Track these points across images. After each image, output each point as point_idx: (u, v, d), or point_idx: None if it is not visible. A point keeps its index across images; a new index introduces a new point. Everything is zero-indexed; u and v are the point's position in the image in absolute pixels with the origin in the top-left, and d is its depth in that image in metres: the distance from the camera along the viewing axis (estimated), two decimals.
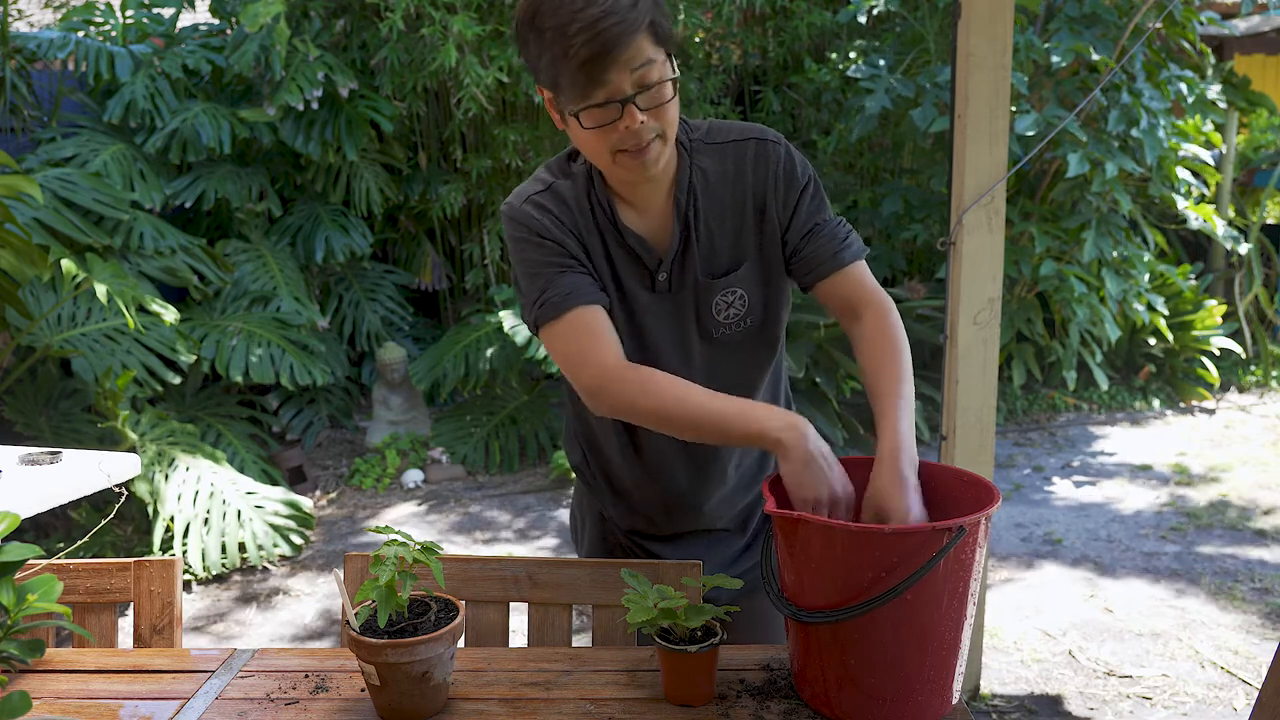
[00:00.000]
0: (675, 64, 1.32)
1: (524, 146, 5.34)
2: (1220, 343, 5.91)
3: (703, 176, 1.42)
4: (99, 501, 3.95)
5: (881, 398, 1.32)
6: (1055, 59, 4.82)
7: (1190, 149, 5.37)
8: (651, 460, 1.54)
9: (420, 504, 4.71)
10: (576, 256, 1.40)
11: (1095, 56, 4.93)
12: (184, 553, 3.81)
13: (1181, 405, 5.90)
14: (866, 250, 1.46)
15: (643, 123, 1.27)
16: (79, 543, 1.80)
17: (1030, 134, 4.71)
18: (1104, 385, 5.59)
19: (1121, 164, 4.99)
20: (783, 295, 1.49)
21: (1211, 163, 5.51)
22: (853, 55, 5.76)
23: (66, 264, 3.58)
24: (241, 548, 3.94)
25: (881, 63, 5.32)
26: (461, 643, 1.52)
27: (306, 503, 4.21)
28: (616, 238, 1.42)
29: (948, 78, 4.88)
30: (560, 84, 1.26)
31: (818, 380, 5.06)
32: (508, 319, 4.94)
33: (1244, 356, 6.31)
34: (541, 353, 4.70)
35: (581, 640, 3.16)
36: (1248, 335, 6.37)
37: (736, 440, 1.30)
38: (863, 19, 5.41)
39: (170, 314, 3.89)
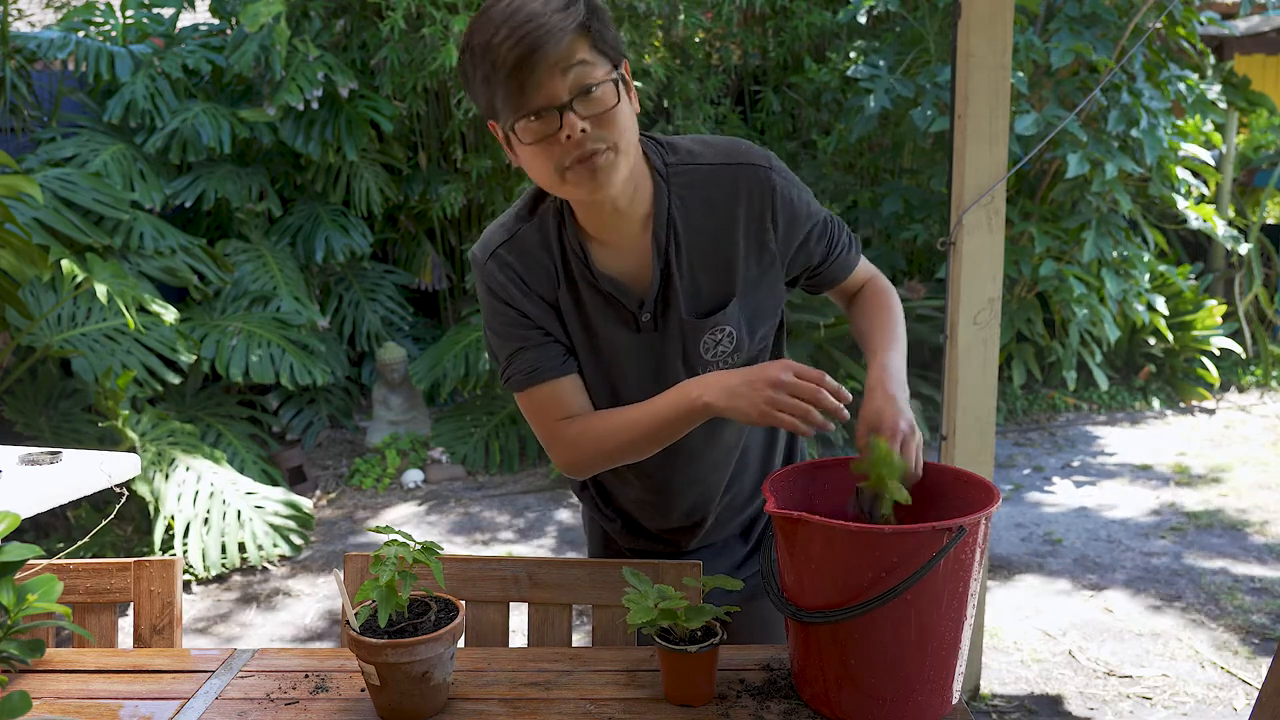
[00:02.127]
0: (625, 76, 1.24)
1: None
2: (1220, 343, 5.91)
3: (683, 206, 1.34)
4: (99, 501, 3.95)
5: (870, 338, 1.42)
6: (1055, 60, 4.82)
7: (1190, 149, 5.37)
8: (649, 485, 1.52)
9: (420, 504, 4.71)
10: (541, 324, 1.37)
11: (1095, 56, 4.94)
12: (184, 553, 3.81)
13: (1181, 405, 5.90)
14: (858, 242, 1.51)
15: (584, 131, 1.19)
16: (79, 543, 1.80)
17: (1030, 134, 4.71)
18: (1104, 385, 5.59)
19: (1121, 164, 4.99)
20: (773, 322, 1.45)
21: (1211, 163, 5.51)
22: (853, 55, 5.76)
23: (66, 264, 3.58)
24: (241, 548, 3.94)
25: (881, 63, 5.32)
26: (461, 643, 1.52)
27: (306, 503, 4.21)
28: (590, 282, 1.35)
29: (948, 78, 4.88)
30: (495, 103, 1.20)
31: None
32: None
33: (1244, 356, 6.31)
34: None
35: (581, 640, 3.16)
36: (1248, 335, 6.37)
37: (684, 427, 1.32)
38: (863, 19, 5.41)
39: (170, 314, 3.90)
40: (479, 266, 1.38)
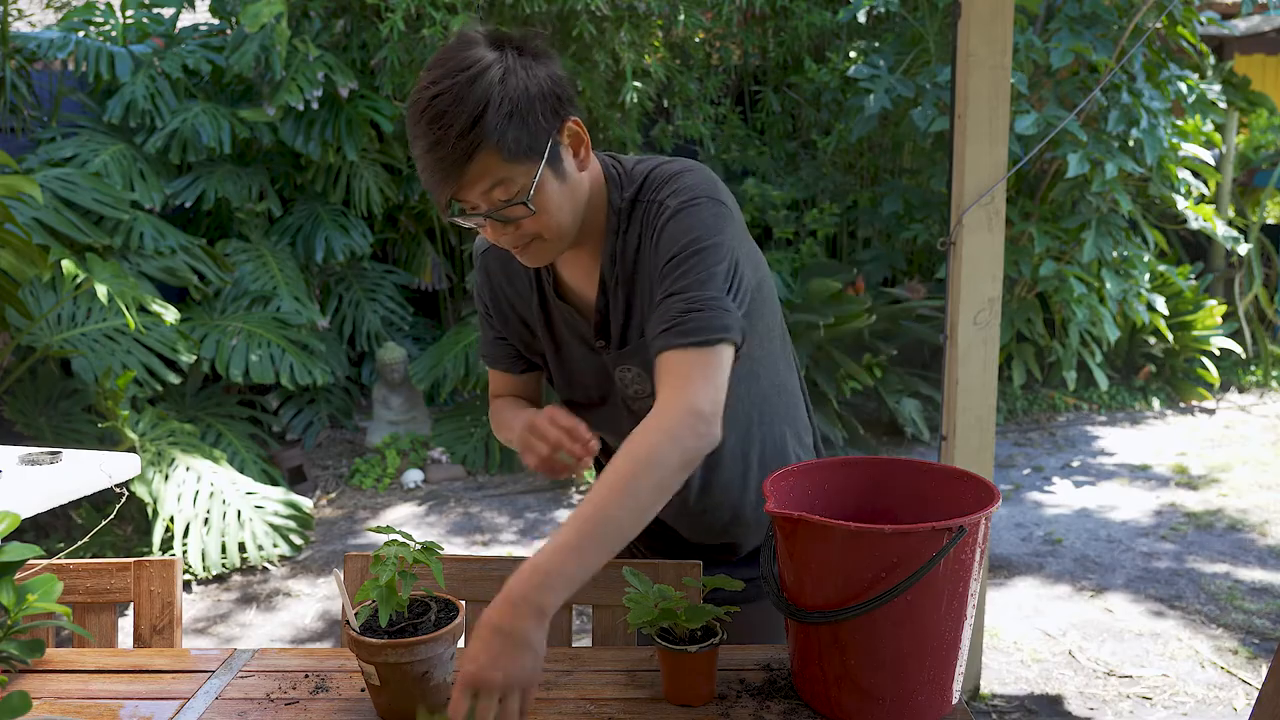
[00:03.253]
0: (565, 145, 1.25)
1: None
2: (1220, 343, 5.91)
3: (623, 243, 1.36)
4: (99, 501, 3.95)
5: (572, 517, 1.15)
6: (1055, 61, 4.82)
7: (1190, 149, 5.37)
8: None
9: (420, 504, 4.71)
10: (501, 326, 1.52)
11: (1095, 57, 4.94)
12: (184, 553, 3.81)
13: (1181, 405, 5.90)
14: (700, 338, 1.21)
15: (509, 234, 1.27)
16: (79, 543, 1.80)
17: (1030, 134, 4.71)
18: (1104, 385, 5.59)
19: (1121, 164, 4.99)
20: None
21: (1212, 163, 5.51)
22: (853, 55, 5.76)
23: (66, 264, 3.58)
24: (241, 548, 3.94)
25: (881, 63, 5.32)
26: (461, 643, 1.52)
27: (306, 503, 4.20)
28: (557, 300, 1.44)
29: (948, 77, 4.88)
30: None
31: (817, 380, 5.06)
32: None
33: (1244, 356, 6.31)
34: None
35: (581, 640, 3.16)
36: (1248, 335, 6.37)
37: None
38: (862, 18, 5.41)
39: (170, 314, 3.90)
40: (476, 255, 1.53)
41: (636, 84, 5.00)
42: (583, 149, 1.29)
